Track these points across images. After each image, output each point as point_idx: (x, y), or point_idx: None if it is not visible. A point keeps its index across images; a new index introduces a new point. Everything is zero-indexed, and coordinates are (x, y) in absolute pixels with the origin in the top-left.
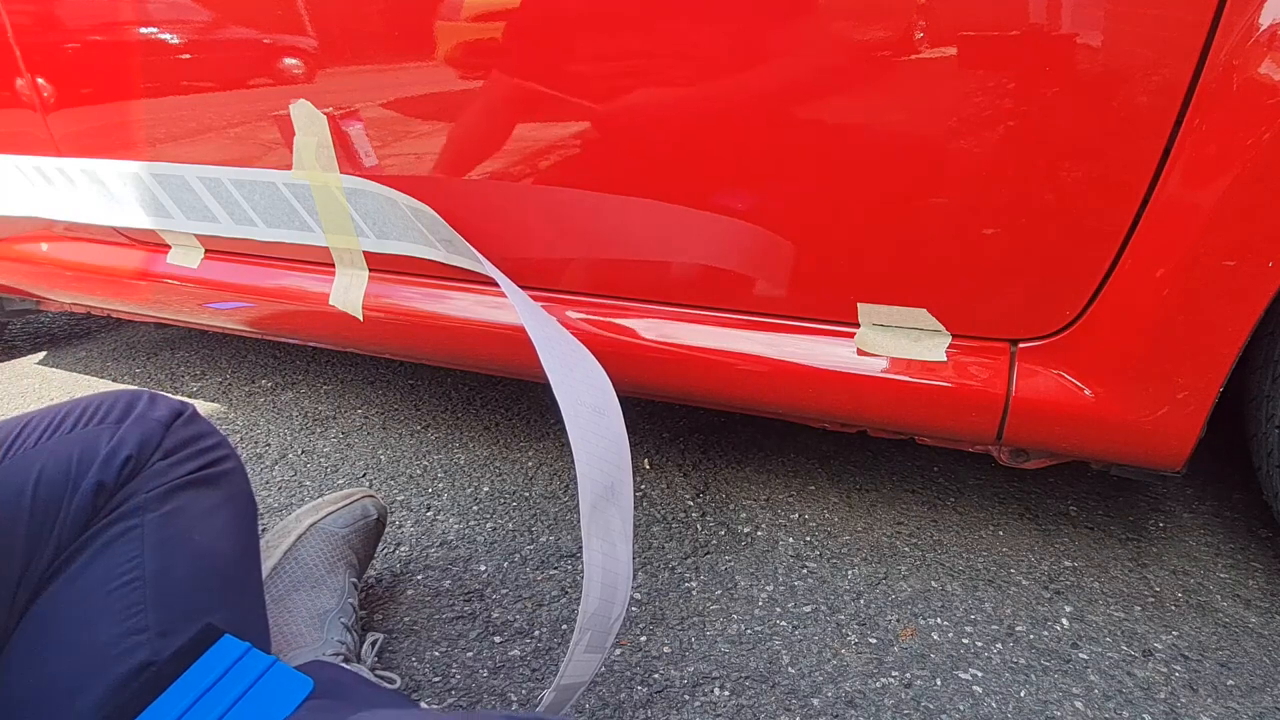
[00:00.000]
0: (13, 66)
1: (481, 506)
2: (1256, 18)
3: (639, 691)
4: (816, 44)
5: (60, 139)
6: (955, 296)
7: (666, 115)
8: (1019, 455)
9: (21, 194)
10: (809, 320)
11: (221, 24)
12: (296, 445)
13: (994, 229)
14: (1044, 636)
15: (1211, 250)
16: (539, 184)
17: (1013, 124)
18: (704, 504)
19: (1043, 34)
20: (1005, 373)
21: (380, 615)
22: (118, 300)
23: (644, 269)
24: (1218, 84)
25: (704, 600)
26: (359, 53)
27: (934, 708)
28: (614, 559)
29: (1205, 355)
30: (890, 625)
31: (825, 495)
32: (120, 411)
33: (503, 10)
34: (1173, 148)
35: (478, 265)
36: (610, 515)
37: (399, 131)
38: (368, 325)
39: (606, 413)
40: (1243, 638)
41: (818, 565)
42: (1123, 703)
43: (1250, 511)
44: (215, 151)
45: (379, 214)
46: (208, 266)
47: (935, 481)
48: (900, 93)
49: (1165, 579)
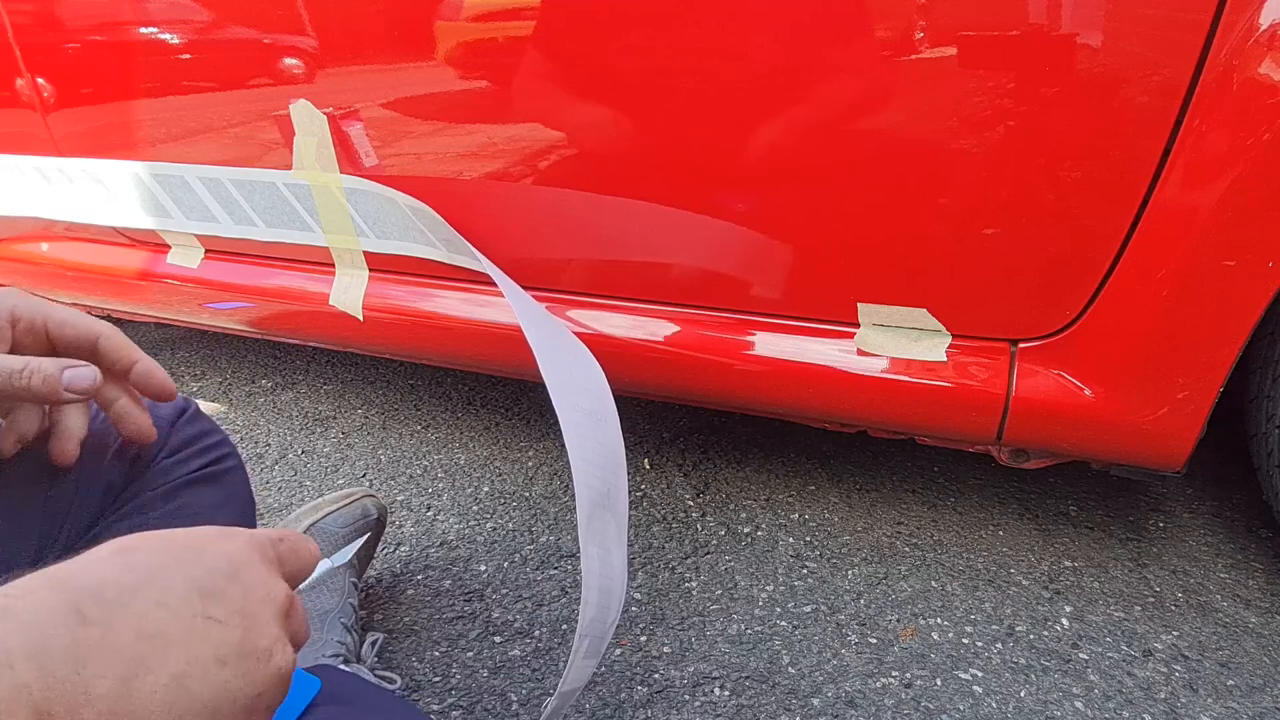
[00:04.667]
0: (13, 66)
1: (482, 506)
2: (1256, 18)
3: (639, 691)
4: (817, 44)
5: (60, 139)
6: (955, 296)
7: (666, 115)
8: (1019, 455)
9: (22, 194)
10: (809, 320)
11: (221, 24)
12: (296, 445)
13: (994, 229)
14: (1044, 636)
15: (1211, 250)
16: (537, 184)
17: (1013, 124)
18: (704, 504)
19: (1043, 34)
20: (1005, 373)
21: (380, 615)
22: (118, 300)
23: (643, 269)
24: (1218, 84)
25: (704, 600)
26: (359, 53)
27: (934, 708)
28: (610, 565)
29: (1205, 355)
30: (890, 625)
31: (825, 495)
32: None
33: (503, 10)
34: (1173, 148)
35: (478, 264)
36: (606, 521)
37: (399, 131)
38: (368, 325)
39: (604, 419)
40: (1243, 638)
41: (818, 565)
42: (1123, 703)
43: (1250, 511)
44: (215, 151)
45: (379, 214)
46: (208, 266)
47: (935, 481)
48: (900, 93)
49: (1165, 579)
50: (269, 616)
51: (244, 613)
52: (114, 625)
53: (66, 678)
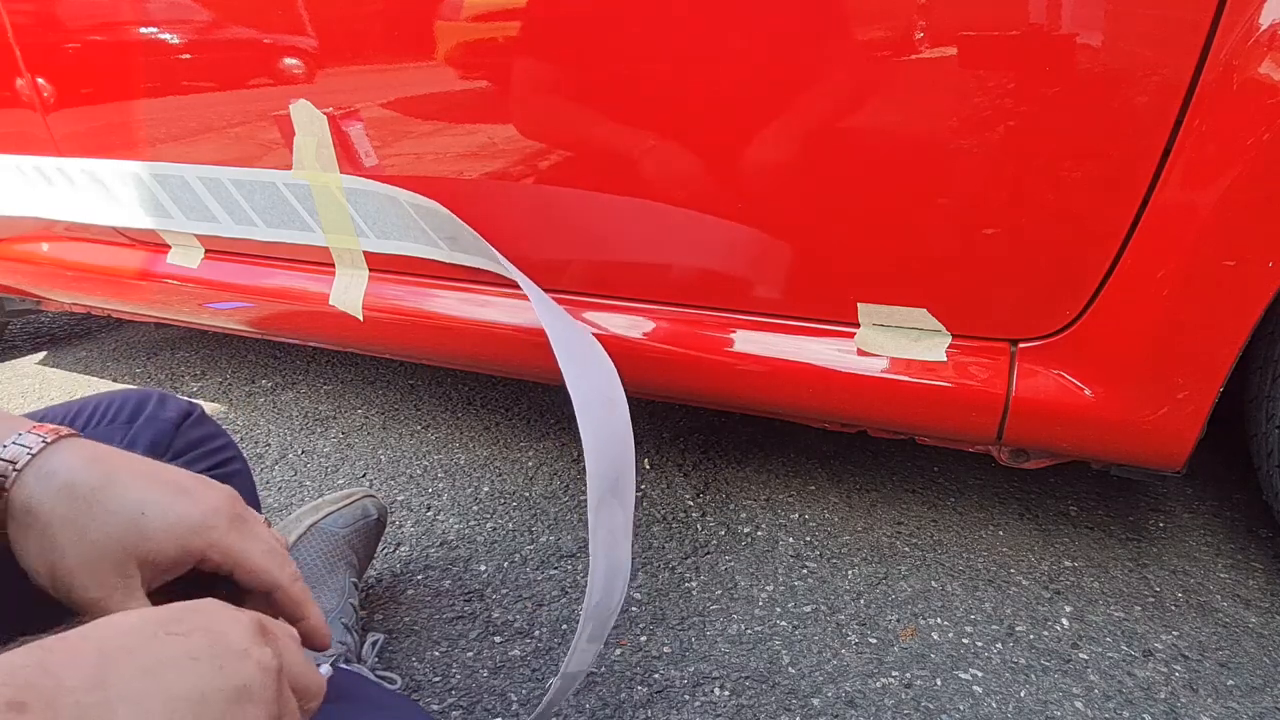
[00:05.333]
0: (13, 66)
1: (481, 506)
2: (1256, 18)
3: (639, 691)
4: (817, 44)
5: (60, 139)
6: (955, 296)
7: (665, 115)
8: (1019, 455)
9: (22, 194)
10: (809, 320)
11: (221, 24)
12: (296, 445)
13: (994, 229)
14: (1044, 636)
15: (1211, 250)
16: (537, 184)
17: (1013, 124)
18: (704, 504)
19: (1043, 34)
20: (1005, 373)
21: (380, 615)
22: (118, 300)
23: (642, 269)
24: (1218, 84)
25: (704, 600)
26: (359, 53)
27: (934, 708)
28: (616, 551)
29: (1205, 355)
30: (890, 625)
31: (825, 495)
32: (130, 411)
33: (503, 10)
34: (1173, 148)
35: (490, 261)
36: (614, 508)
37: (399, 131)
38: (368, 325)
39: (617, 406)
40: (1243, 638)
41: (818, 565)
42: (1123, 703)
43: (1250, 511)
44: (215, 151)
45: (379, 214)
46: (208, 266)
47: (935, 481)
48: (901, 92)
49: (1165, 579)
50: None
51: (207, 629)
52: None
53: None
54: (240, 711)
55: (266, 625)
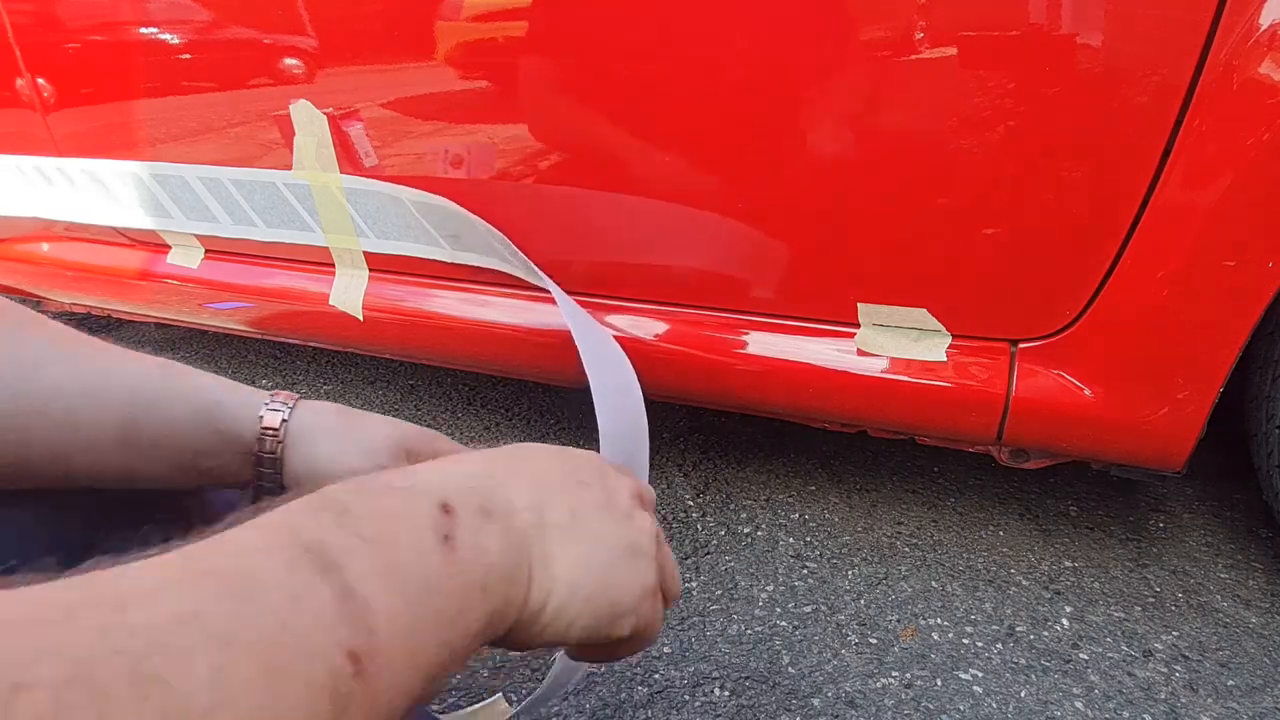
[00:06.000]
0: (13, 66)
1: None
2: (1256, 18)
3: (639, 691)
4: (817, 44)
5: (60, 139)
6: (955, 296)
7: (666, 115)
8: (1019, 455)
9: (22, 194)
10: (809, 320)
11: (221, 24)
12: None
13: (994, 229)
14: (1044, 636)
15: (1211, 250)
16: (537, 184)
17: (1013, 124)
18: (704, 504)
19: (1043, 34)
20: (1005, 373)
21: None
22: (118, 300)
23: (643, 269)
24: (1218, 84)
25: (704, 600)
26: (359, 53)
27: (934, 708)
28: None
29: (1205, 355)
30: (890, 625)
31: (825, 495)
32: None
33: (503, 10)
34: (1173, 148)
35: (497, 258)
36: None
37: (399, 131)
38: (368, 325)
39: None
40: (1243, 638)
41: (818, 565)
42: (1123, 703)
43: (1250, 511)
44: (215, 151)
45: (379, 214)
46: (208, 266)
47: (935, 481)
48: (900, 92)
49: (1165, 579)
50: (624, 494)
51: (603, 484)
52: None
53: (498, 494)
54: (635, 564)
55: (643, 493)
